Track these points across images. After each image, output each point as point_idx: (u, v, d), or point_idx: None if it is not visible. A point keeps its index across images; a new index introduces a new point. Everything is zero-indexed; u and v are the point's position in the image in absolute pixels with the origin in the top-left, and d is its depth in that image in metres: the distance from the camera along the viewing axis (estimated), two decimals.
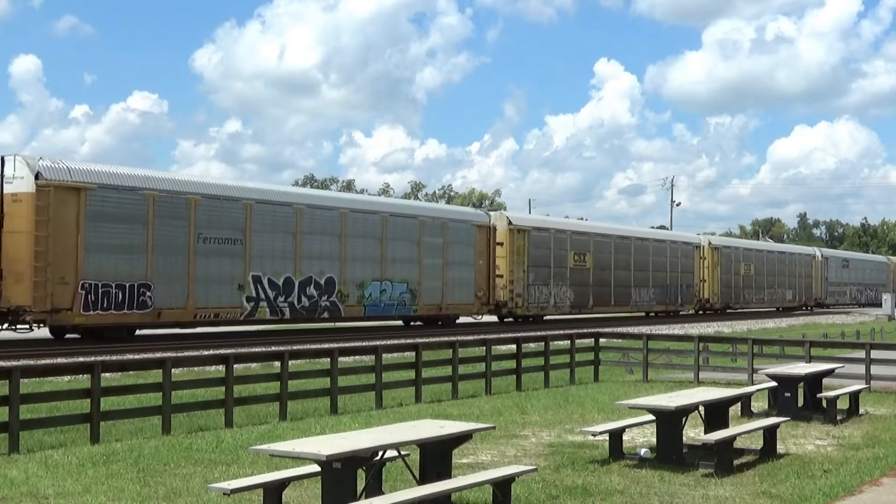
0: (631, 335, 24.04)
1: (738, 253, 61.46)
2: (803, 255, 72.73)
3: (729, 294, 59.10)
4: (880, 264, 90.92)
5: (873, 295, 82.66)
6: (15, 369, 11.62)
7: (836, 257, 79.94)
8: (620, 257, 48.33)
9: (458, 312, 38.26)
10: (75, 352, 22.19)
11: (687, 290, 54.29)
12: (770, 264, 65.39)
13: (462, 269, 37.81)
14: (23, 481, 9.36)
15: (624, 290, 48.61)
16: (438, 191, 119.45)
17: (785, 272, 67.51)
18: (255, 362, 16.88)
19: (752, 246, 66.75)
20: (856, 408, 15.32)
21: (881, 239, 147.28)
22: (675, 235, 59.37)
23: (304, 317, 31.92)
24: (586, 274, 45.47)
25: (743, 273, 61.06)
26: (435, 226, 36.82)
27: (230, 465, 10.34)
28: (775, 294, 66.01)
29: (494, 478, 8.36)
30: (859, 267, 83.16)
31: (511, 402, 16.25)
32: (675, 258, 53.56)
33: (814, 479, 9.95)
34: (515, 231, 40.66)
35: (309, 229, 31.62)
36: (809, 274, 71.81)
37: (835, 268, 76.48)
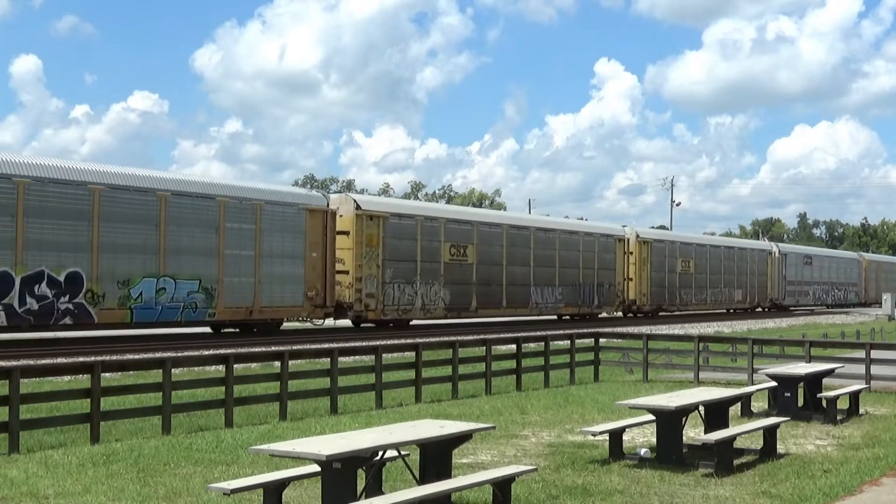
0: (631, 335, 24.05)
1: (673, 247, 53.72)
2: (757, 250, 65.16)
3: (662, 294, 51.70)
4: (850, 262, 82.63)
5: (842, 295, 77.24)
6: (15, 369, 11.61)
7: (796, 253, 71.81)
8: (516, 251, 40.85)
9: (280, 316, 31.16)
10: (75, 352, 22.18)
11: (607, 290, 46.80)
12: (715, 261, 58.08)
13: (286, 262, 30.40)
14: (23, 481, 9.36)
15: (520, 290, 41.05)
16: (438, 191, 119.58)
17: (734, 270, 60.06)
18: (255, 362, 16.87)
19: (691, 240, 58.60)
20: (856, 408, 15.32)
21: (881, 239, 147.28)
22: (592, 226, 50.59)
23: (33, 324, 24.47)
24: (467, 270, 38.00)
25: (680, 271, 53.82)
26: (244, 209, 29.25)
27: (230, 465, 10.34)
28: (721, 294, 58.56)
29: (494, 478, 8.36)
30: (825, 264, 75.08)
31: (511, 402, 16.25)
32: (591, 252, 45.83)
33: (814, 479, 9.96)
34: (365, 217, 33.37)
35: (39, 210, 24.22)
36: (764, 272, 64.05)
37: (795, 265, 68.74)
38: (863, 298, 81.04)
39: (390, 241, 34.43)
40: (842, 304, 76.73)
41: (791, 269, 67.69)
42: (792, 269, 67.80)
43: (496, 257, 39.92)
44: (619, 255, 48.32)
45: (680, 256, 53.95)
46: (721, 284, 58.41)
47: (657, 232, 58.97)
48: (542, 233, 43.16)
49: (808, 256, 72.92)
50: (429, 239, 36.26)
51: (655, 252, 51.38)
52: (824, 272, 73.74)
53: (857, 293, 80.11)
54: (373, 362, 16.05)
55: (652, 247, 51.15)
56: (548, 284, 42.95)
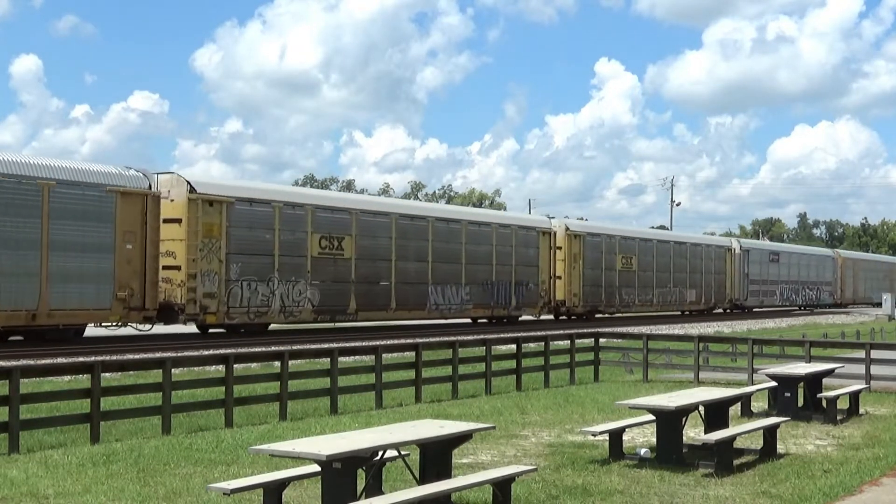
0: (631, 335, 24.05)
1: (612, 242, 47.37)
2: (714, 246, 58.94)
3: (597, 295, 45.82)
4: (824, 259, 75.94)
5: (814, 295, 71.09)
6: (15, 369, 11.61)
7: (760, 249, 65.29)
8: (409, 244, 35.37)
9: (79, 321, 25.67)
10: (75, 352, 22.18)
11: (528, 290, 40.96)
12: (663, 257, 51.89)
13: (87, 256, 24.97)
14: (23, 481, 9.36)
15: (414, 289, 35.48)
16: (438, 191, 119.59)
17: (685, 267, 53.89)
18: (255, 362, 16.87)
19: (633, 234, 52.07)
20: (856, 408, 15.32)
21: (881, 239, 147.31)
22: (509, 217, 44.39)
23: None
24: (343, 267, 32.44)
25: (621, 268, 47.64)
26: (23, 190, 23.76)
27: (230, 465, 10.34)
28: (670, 295, 52.43)
29: (494, 478, 8.36)
30: (794, 261, 68.44)
31: (511, 402, 16.25)
32: (507, 247, 40.07)
33: (814, 479, 9.96)
34: (203, 202, 27.92)
35: None
36: (722, 270, 58.10)
37: (759, 262, 62.22)
38: (838, 298, 75.66)
39: (237, 230, 29.01)
40: (814, 304, 71.15)
41: (754, 266, 61.56)
42: (755, 267, 61.69)
43: (382, 251, 34.20)
44: (544, 250, 42.03)
45: (620, 252, 47.71)
46: (670, 283, 52.45)
47: (591, 224, 51.62)
48: (443, 224, 37.30)
49: (775, 253, 66.50)
50: (291, 229, 30.77)
51: (589, 247, 45.26)
52: (793, 270, 67.68)
53: (831, 293, 74.35)
54: (373, 362, 16.05)
55: (585, 241, 44.96)
56: (451, 283, 37.18)
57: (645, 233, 56.93)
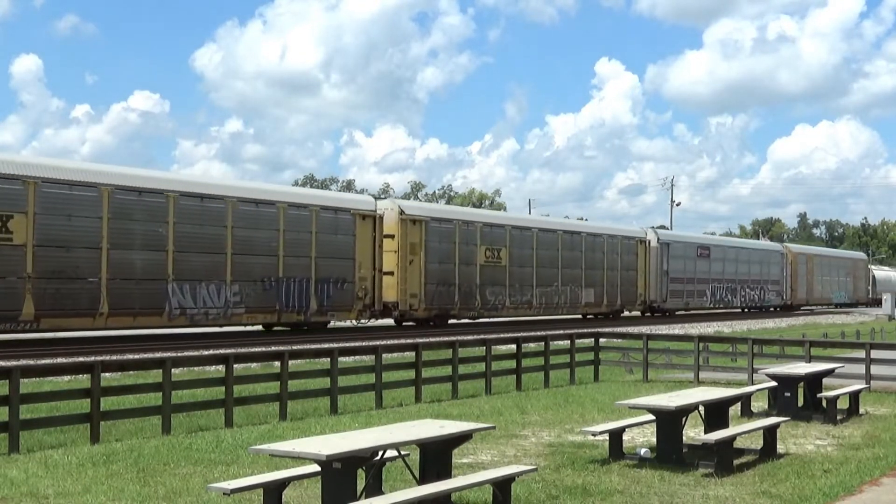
0: (631, 335, 24.04)
1: (469, 231, 38.18)
2: (620, 237, 48.49)
3: (448, 295, 36.86)
4: (768, 253, 66.06)
5: (758, 295, 62.34)
6: (15, 369, 11.61)
7: (684, 242, 55.81)
8: (133, 228, 26.40)
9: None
10: (75, 352, 22.18)
11: (338, 289, 32.37)
12: (547, 250, 42.42)
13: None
14: (23, 481, 9.36)
15: (143, 288, 26.63)
16: (438, 191, 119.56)
17: (580, 262, 44.51)
18: (255, 362, 16.87)
19: (503, 221, 42.20)
20: (856, 408, 15.32)
21: (881, 239, 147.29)
22: (308, 196, 34.96)
23: None
24: (13, 257, 23.72)
25: (484, 262, 38.72)
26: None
27: (230, 465, 10.34)
28: (556, 295, 42.88)
29: (494, 478, 8.36)
30: (731, 256, 59.78)
31: (511, 402, 16.25)
32: (304, 234, 31.23)
33: (814, 479, 9.95)
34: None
35: None
36: (633, 266, 48.65)
37: (682, 257, 53.76)
38: (788, 299, 66.47)
39: None
40: (756, 306, 62.55)
41: (677, 262, 53.11)
42: (678, 263, 53.25)
43: (85, 236, 25.34)
44: (364, 239, 33.30)
45: (483, 243, 38.69)
46: (558, 281, 43.06)
47: (438, 208, 42.06)
48: (195, 202, 28.22)
49: (704, 247, 57.40)
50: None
51: (435, 235, 36.43)
52: (730, 267, 59.19)
53: (778, 292, 65.28)
54: (373, 362, 16.04)
55: (428, 228, 35.98)
56: (209, 280, 28.32)
57: (521, 220, 46.01)
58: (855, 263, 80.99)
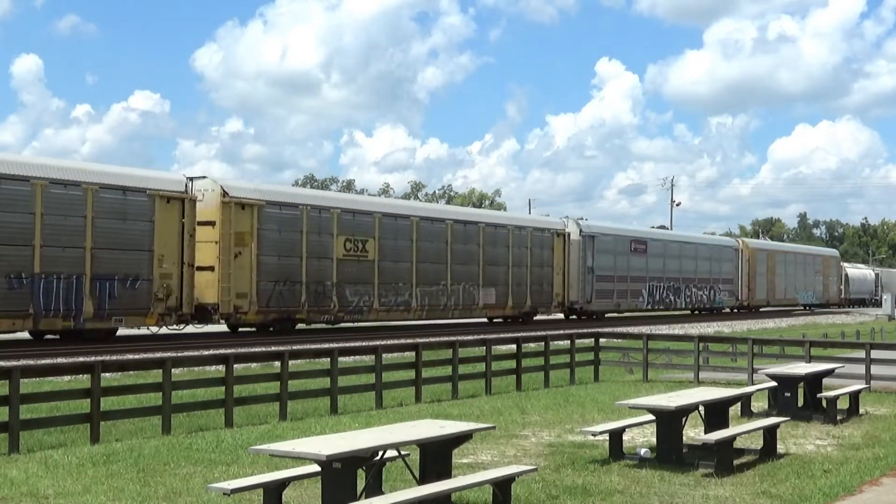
0: (631, 335, 24.04)
1: (324, 218, 31.92)
2: (531, 228, 41.80)
3: (292, 295, 30.73)
4: (720, 249, 59.01)
5: (707, 295, 55.97)
6: (15, 369, 11.61)
7: (612, 235, 48.30)
8: None
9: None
10: (75, 352, 22.18)
11: (128, 289, 26.02)
12: (431, 242, 36.13)
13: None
14: (23, 481, 9.36)
15: None
16: (438, 191, 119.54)
17: (477, 257, 38.00)
18: (255, 362, 16.87)
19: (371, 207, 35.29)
20: (856, 408, 15.32)
21: (881, 239, 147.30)
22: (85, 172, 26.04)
23: None
24: None
25: (343, 256, 32.42)
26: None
27: (230, 465, 10.34)
28: (444, 295, 36.46)
29: (494, 478, 8.36)
30: (673, 252, 53.14)
31: (511, 402, 16.25)
32: (74, 219, 24.92)
33: (814, 479, 9.95)
34: None
35: None
36: (548, 262, 42.10)
37: (611, 252, 47.21)
38: (744, 299, 60.26)
39: None
40: (704, 307, 55.97)
41: (605, 257, 46.66)
42: (605, 259, 46.74)
43: None
44: (168, 226, 26.98)
45: (342, 233, 32.55)
46: (446, 279, 36.60)
47: (280, 190, 34.05)
48: None
49: (640, 241, 50.68)
50: None
51: (272, 223, 30.26)
52: (671, 263, 52.62)
53: (732, 292, 59.06)
54: (373, 362, 16.04)
55: (262, 214, 29.85)
56: None
57: (395, 206, 38.81)
58: (825, 261, 74.44)
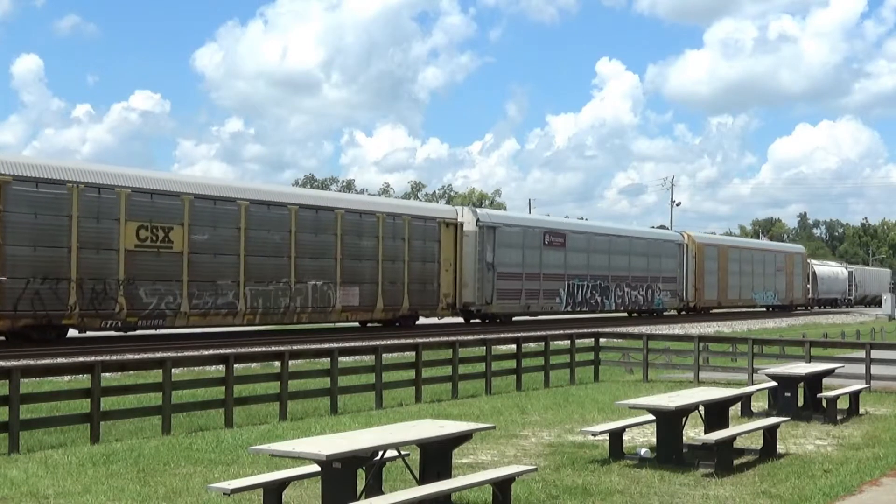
0: (631, 335, 24.04)
1: (104, 200, 25.80)
2: (410, 217, 35.18)
3: (57, 296, 24.63)
4: (662, 244, 52.09)
5: (644, 296, 49.29)
6: (15, 369, 11.61)
7: (520, 226, 41.00)
8: None
9: None
10: (75, 352, 22.17)
11: None
12: (269, 231, 29.99)
13: None
14: (23, 481, 9.36)
15: None
16: (438, 190, 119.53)
17: (333, 250, 31.80)
18: (255, 362, 16.87)
19: (178, 186, 28.34)
20: (856, 408, 15.32)
21: (881, 239, 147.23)
22: None
23: None
24: None
25: (136, 246, 26.54)
26: None
27: (230, 465, 10.34)
28: (288, 296, 30.37)
29: (494, 478, 8.36)
30: (601, 247, 45.86)
31: (511, 402, 16.25)
32: None
33: (814, 479, 9.95)
34: None
35: None
36: (432, 255, 35.77)
37: (518, 246, 40.14)
38: (690, 300, 53.78)
39: None
40: (641, 309, 49.86)
41: (509, 252, 39.74)
42: (511, 254, 39.80)
43: None
44: None
45: (133, 218, 26.43)
46: (290, 276, 30.48)
47: (35, 162, 25.63)
48: None
49: (557, 233, 43.29)
50: None
51: (22, 204, 24.21)
52: (597, 259, 45.49)
53: (675, 292, 52.20)
54: (373, 362, 16.04)
55: (8, 192, 23.82)
56: None
57: (214, 186, 30.02)
58: (788, 257, 67.77)
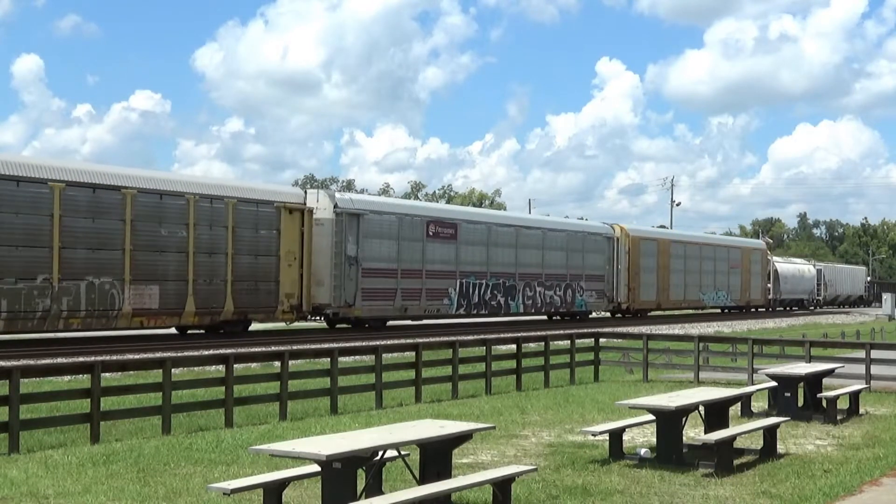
0: (631, 335, 24.04)
1: None
2: (234, 201, 28.56)
3: None
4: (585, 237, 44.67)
5: (562, 297, 42.24)
6: (15, 369, 11.61)
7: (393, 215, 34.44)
8: None
9: None
10: (75, 352, 22.17)
11: None
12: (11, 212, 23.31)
13: None
14: (23, 481, 9.35)
15: None
16: (438, 190, 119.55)
17: (119, 239, 25.77)
18: (255, 362, 16.87)
19: None
20: (856, 408, 15.32)
21: (881, 239, 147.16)
22: None
23: None
24: None
25: None
26: None
27: (230, 465, 10.34)
28: (48, 296, 23.74)
29: (494, 478, 8.36)
30: (505, 240, 38.81)
31: (511, 402, 16.25)
32: None
33: (814, 479, 9.95)
34: None
35: None
36: (270, 247, 29.74)
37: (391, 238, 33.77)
38: (622, 301, 47.16)
39: None
40: (561, 311, 43.20)
41: (378, 244, 33.17)
42: (381, 246, 33.28)
43: None
44: None
45: None
46: (50, 274, 23.98)
47: None
48: None
49: (445, 223, 36.24)
50: None
51: None
52: (501, 255, 38.66)
53: (602, 292, 45.50)
54: (373, 362, 16.04)
55: None
56: None
57: None
58: (745, 254, 60.98)
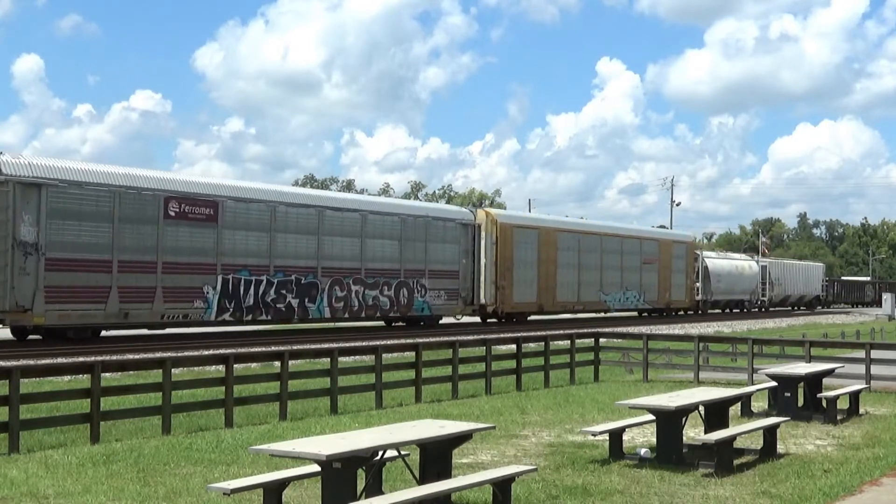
0: (631, 335, 24.03)
1: None
2: None
3: None
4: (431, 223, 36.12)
5: (394, 297, 34.11)
6: (15, 369, 11.61)
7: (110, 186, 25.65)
8: None
9: None
10: (75, 352, 22.17)
11: None
12: None
13: None
14: (23, 481, 9.35)
15: None
16: (438, 190, 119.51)
17: None
18: (255, 362, 16.87)
19: None
20: (856, 408, 15.31)
21: (881, 239, 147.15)
22: None
23: None
24: None
25: None
26: None
27: (230, 465, 10.33)
28: None
29: (494, 478, 8.35)
30: (305, 224, 31.31)
31: (511, 402, 16.24)
32: None
33: (814, 479, 9.95)
34: None
35: None
36: None
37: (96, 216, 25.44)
38: (487, 302, 38.89)
39: None
40: (389, 317, 34.85)
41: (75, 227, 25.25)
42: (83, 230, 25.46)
43: None
44: None
45: None
46: None
47: None
48: None
49: (193, 200, 28.06)
50: None
51: None
52: (294, 243, 31.22)
53: (457, 293, 37.13)
54: (373, 362, 16.04)
55: None
56: None
57: None
58: (665, 247, 52.12)
